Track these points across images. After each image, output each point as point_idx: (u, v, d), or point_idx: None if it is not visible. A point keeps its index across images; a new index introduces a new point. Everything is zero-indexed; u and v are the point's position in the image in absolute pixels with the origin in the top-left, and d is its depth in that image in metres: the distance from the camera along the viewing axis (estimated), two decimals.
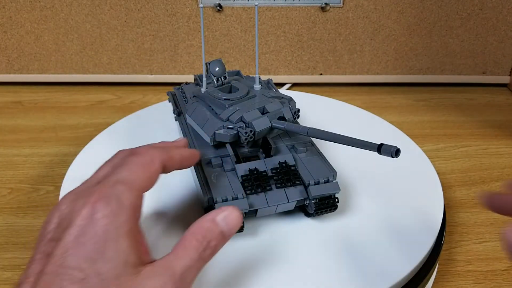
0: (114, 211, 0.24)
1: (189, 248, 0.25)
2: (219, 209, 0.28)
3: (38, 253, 0.25)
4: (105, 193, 0.25)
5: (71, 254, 0.23)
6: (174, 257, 0.25)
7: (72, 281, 0.22)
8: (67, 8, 0.68)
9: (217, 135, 0.37)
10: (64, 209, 0.26)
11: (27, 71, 0.73)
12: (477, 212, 0.49)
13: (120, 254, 0.24)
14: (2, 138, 0.61)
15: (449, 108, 0.70)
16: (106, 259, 0.23)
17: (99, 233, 0.24)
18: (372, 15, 0.69)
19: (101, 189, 0.25)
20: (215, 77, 0.41)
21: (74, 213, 0.25)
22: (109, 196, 0.25)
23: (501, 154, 0.59)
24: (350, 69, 0.74)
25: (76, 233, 0.24)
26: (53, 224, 0.25)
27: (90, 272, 0.23)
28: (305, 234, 0.38)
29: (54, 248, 0.24)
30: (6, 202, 0.50)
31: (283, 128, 0.37)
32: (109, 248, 0.23)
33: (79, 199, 0.25)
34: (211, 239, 0.26)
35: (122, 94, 0.73)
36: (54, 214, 0.26)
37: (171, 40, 0.70)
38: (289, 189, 0.36)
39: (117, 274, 0.23)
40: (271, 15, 0.69)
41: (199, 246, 0.26)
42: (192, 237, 0.26)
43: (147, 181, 0.27)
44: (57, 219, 0.26)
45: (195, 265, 0.25)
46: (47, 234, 0.25)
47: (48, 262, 0.23)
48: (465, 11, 0.69)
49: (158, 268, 0.24)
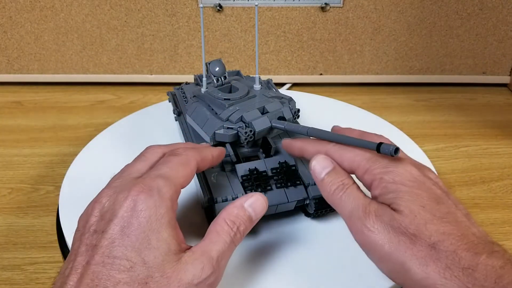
0: (155, 203, 0.26)
1: (222, 233, 0.28)
2: (246, 196, 0.30)
3: (83, 245, 0.26)
4: (148, 186, 0.27)
5: (118, 245, 0.25)
6: (209, 242, 0.27)
7: (120, 270, 0.24)
8: (67, 8, 0.68)
9: (217, 135, 0.37)
10: (104, 202, 0.27)
11: (27, 71, 0.73)
12: (477, 212, 0.49)
13: (163, 243, 0.25)
14: (2, 138, 0.61)
15: (449, 108, 0.70)
16: (150, 248, 0.25)
17: (143, 224, 0.25)
18: (372, 15, 0.69)
19: (144, 182, 0.27)
20: (215, 77, 0.41)
21: (117, 205, 0.26)
22: (151, 189, 0.26)
23: (501, 154, 0.59)
24: (350, 69, 0.74)
25: (121, 224, 0.25)
26: (95, 217, 0.27)
27: (136, 261, 0.24)
28: (305, 234, 0.38)
29: (99, 240, 0.25)
30: (6, 202, 0.50)
31: (283, 128, 0.37)
32: (152, 238, 0.25)
33: (121, 193, 0.27)
34: (240, 224, 0.29)
35: (122, 94, 0.73)
36: (94, 208, 0.27)
37: (171, 40, 0.70)
38: (289, 189, 0.36)
39: (161, 261, 0.25)
40: (271, 15, 0.69)
41: (230, 231, 0.28)
42: (224, 222, 0.28)
43: (185, 178, 0.29)
44: (99, 212, 0.27)
45: (229, 248, 0.28)
46: (90, 227, 0.26)
47: (95, 253, 0.25)
48: (465, 11, 0.69)
49: (196, 254, 0.26)
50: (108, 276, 0.24)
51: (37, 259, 0.43)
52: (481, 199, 0.51)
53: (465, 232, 0.27)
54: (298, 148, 0.35)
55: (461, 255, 0.26)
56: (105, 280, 0.24)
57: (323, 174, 0.31)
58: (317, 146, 0.33)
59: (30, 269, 0.42)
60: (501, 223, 0.48)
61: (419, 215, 0.27)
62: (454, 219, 0.27)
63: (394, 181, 0.29)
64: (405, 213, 0.27)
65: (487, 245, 0.26)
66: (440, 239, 0.26)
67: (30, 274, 0.41)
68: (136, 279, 0.24)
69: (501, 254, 0.26)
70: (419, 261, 0.26)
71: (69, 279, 0.25)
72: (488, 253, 0.26)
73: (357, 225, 0.29)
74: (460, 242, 0.26)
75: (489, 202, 0.51)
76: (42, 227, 0.46)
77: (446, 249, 0.26)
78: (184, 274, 0.25)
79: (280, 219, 0.39)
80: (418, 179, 0.29)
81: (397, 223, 0.27)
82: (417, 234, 0.27)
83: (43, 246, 0.44)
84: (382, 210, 0.28)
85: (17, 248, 0.44)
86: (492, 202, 0.51)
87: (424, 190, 0.28)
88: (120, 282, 0.24)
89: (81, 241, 0.26)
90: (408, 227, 0.27)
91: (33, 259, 0.43)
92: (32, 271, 0.42)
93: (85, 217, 0.28)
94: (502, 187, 0.53)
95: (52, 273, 0.42)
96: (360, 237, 0.29)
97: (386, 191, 0.29)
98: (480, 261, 0.25)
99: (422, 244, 0.26)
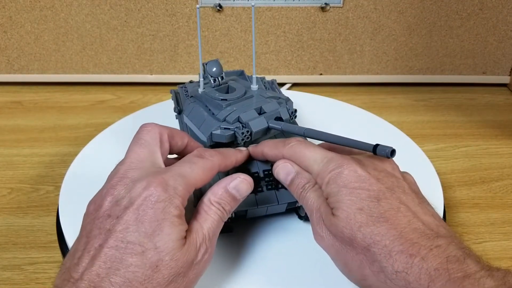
0: (170, 197, 0.28)
1: (210, 212, 0.30)
2: (230, 177, 0.32)
3: (96, 228, 0.27)
4: (166, 182, 0.28)
5: (132, 230, 0.26)
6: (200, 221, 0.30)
7: (132, 254, 0.26)
8: (67, 8, 0.68)
9: (214, 136, 0.37)
10: (118, 191, 0.28)
11: (27, 71, 0.73)
12: (477, 212, 0.49)
13: (173, 232, 0.27)
14: (2, 138, 0.61)
15: (449, 108, 0.70)
16: (162, 235, 0.27)
17: (157, 213, 0.27)
18: (372, 15, 0.69)
19: (164, 177, 0.29)
20: (212, 77, 0.41)
21: (134, 194, 0.28)
22: (168, 185, 0.28)
23: (501, 154, 0.59)
24: (350, 69, 0.74)
25: (137, 212, 0.27)
26: (109, 202, 0.28)
27: (149, 246, 0.26)
28: (296, 237, 0.37)
29: (114, 225, 0.27)
30: (6, 202, 0.50)
31: (279, 128, 0.37)
32: (165, 226, 0.27)
33: (137, 182, 0.28)
34: (225, 204, 0.31)
35: (122, 94, 0.73)
36: (108, 194, 0.29)
37: (171, 40, 0.70)
38: (280, 192, 0.36)
39: (171, 247, 0.27)
40: (271, 15, 0.69)
41: (217, 210, 0.30)
42: (209, 203, 0.31)
43: (202, 182, 0.31)
44: (113, 198, 0.28)
45: (217, 225, 0.30)
46: (104, 212, 0.28)
47: (109, 237, 0.26)
48: (465, 11, 0.69)
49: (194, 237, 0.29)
50: (120, 260, 0.26)
51: (37, 259, 0.43)
52: (481, 199, 0.51)
53: (404, 229, 0.27)
54: (260, 154, 0.36)
55: (395, 257, 0.26)
56: (117, 263, 0.26)
57: (288, 180, 0.33)
58: (273, 150, 0.35)
59: (30, 269, 0.42)
60: (501, 223, 0.48)
61: (354, 219, 0.28)
62: (394, 216, 0.27)
63: (337, 184, 0.29)
64: (341, 218, 0.28)
65: (429, 240, 0.26)
66: (374, 241, 0.27)
67: (30, 274, 0.42)
68: (148, 262, 0.26)
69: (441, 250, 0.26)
70: (357, 263, 0.28)
71: (81, 260, 0.26)
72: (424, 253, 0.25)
73: (313, 228, 0.31)
74: (396, 243, 0.26)
75: (489, 202, 0.51)
76: (42, 227, 0.47)
77: (379, 251, 0.26)
78: (190, 255, 0.28)
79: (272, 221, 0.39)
80: (362, 177, 0.29)
81: (335, 228, 0.29)
82: (352, 238, 0.28)
83: (43, 246, 0.44)
84: (326, 215, 0.30)
85: (17, 248, 0.44)
86: (492, 202, 0.50)
87: (365, 188, 0.28)
88: (131, 265, 0.26)
89: (94, 224, 0.28)
90: (344, 231, 0.28)
91: (33, 259, 0.43)
92: (32, 271, 0.42)
93: (98, 201, 0.29)
94: (502, 187, 0.53)
95: (52, 273, 0.42)
96: (316, 240, 0.31)
97: (331, 195, 0.30)
98: (414, 263, 0.25)
99: (358, 247, 0.27)
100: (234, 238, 0.37)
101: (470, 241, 0.46)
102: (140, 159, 0.31)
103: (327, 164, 0.31)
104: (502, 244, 0.45)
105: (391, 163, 0.32)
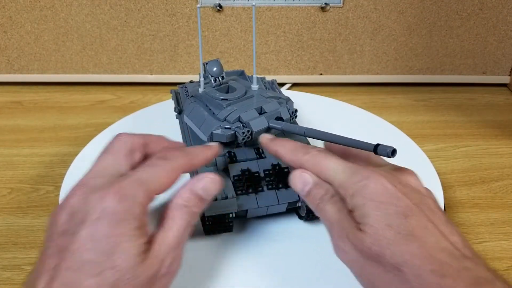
0: (128, 207, 0.26)
1: (176, 218, 0.28)
2: (196, 178, 0.30)
3: (51, 247, 0.25)
4: (123, 190, 0.26)
5: (88, 248, 0.24)
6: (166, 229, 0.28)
7: (90, 275, 0.24)
8: (67, 8, 0.68)
9: (214, 135, 0.37)
10: (75, 202, 0.26)
11: (27, 71, 0.73)
12: (477, 212, 0.49)
13: (132, 247, 0.25)
14: (2, 138, 0.61)
15: (449, 108, 0.70)
16: (120, 252, 0.25)
17: (114, 228, 0.25)
18: (372, 15, 0.69)
19: (120, 186, 0.26)
20: (213, 77, 0.41)
21: (89, 206, 0.26)
22: (126, 194, 0.26)
23: (501, 154, 0.59)
24: (350, 69, 0.74)
25: (92, 227, 0.25)
26: (64, 216, 0.26)
27: (106, 266, 0.24)
28: (296, 237, 0.37)
29: (69, 242, 0.25)
30: (6, 202, 0.50)
31: (280, 128, 0.37)
32: (123, 241, 0.25)
33: (93, 193, 0.26)
34: (192, 205, 0.29)
35: (122, 94, 0.73)
36: (64, 207, 0.27)
37: (171, 40, 0.70)
38: (280, 191, 0.36)
39: (131, 264, 0.25)
40: (271, 15, 0.69)
41: (183, 215, 0.28)
42: (176, 208, 0.29)
43: (165, 186, 0.29)
44: (69, 211, 0.26)
45: (185, 231, 0.28)
46: (58, 228, 0.26)
47: (64, 256, 0.24)
48: (465, 11, 0.69)
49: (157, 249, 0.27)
50: (79, 282, 0.24)
51: (37, 259, 0.43)
52: (481, 199, 0.51)
53: (433, 249, 0.26)
54: (273, 151, 0.35)
55: (426, 278, 0.25)
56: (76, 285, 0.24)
57: (305, 191, 0.31)
58: (291, 156, 0.33)
59: (30, 269, 0.42)
60: (501, 223, 0.48)
61: (382, 235, 0.26)
62: (422, 234, 0.26)
63: (363, 197, 0.28)
64: (369, 234, 0.27)
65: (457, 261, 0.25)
66: (404, 260, 0.26)
67: None
68: (106, 284, 0.24)
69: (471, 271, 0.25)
70: (385, 283, 0.26)
71: (39, 281, 0.24)
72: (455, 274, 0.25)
73: (334, 242, 0.30)
74: (426, 263, 0.25)
75: (489, 202, 0.50)
76: (42, 227, 0.46)
77: (410, 271, 0.25)
78: (152, 269, 0.26)
79: (273, 220, 0.39)
80: (389, 191, 0.28)
81: (361, 244, 0.27)
82: (380, 255, 0.26)
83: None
84: (351, 229, 0.28)
85: (17, 248, 0.44)
86: (492, 202, 0.50)
87: (393, 204, 0.27)
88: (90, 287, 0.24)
89: (51, 241, 0.26)
90: (371, 248, 0.26)
91: (33, 259, 0.43)
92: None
93: (54, 216, 0.27)
94: (502, 187, 0.53)
95: None
96: (337, 253, 0.30)
97: (356, 208, 0.28)
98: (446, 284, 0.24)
99: (386, 265, 0.26)
100: (234, 238, 0.37)
101: (470, 241, 0.45)
102: (104, 166, 0.29)
103: (352, 176, 0.29)
104: (502, 244, 0.45)
105: (414, 177, 0.31)
